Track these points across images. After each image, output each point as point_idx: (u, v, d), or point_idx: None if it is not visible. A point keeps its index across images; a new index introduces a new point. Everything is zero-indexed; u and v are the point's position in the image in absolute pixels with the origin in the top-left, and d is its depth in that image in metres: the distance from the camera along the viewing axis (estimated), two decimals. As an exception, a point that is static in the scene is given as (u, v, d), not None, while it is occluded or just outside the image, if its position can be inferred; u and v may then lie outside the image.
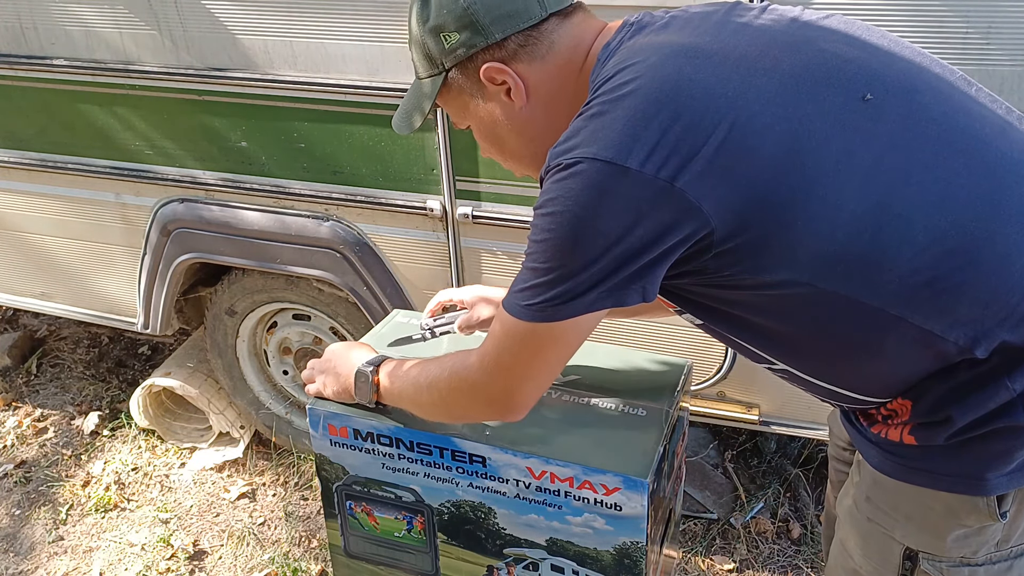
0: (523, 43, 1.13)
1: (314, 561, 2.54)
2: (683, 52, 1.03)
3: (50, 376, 3.43)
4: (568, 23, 1.15)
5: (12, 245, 2.80)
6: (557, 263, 1.02)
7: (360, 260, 2.33)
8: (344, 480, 1.58)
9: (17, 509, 2.80)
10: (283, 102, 2.19)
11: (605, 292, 1.02)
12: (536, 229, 1.04)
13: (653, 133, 0.96)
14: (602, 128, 0.99)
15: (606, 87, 1.03)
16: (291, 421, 2.88)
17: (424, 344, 1.69)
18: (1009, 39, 1.63)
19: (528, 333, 1.07)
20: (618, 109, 0.99)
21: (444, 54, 1.16)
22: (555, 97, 1.16)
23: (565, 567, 1.48)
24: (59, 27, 2.31)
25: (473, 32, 1.12)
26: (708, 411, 2.27)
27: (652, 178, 0.95)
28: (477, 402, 1.20)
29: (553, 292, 1.03)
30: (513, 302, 1.08)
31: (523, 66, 1.14)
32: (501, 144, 1.24)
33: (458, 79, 1.18)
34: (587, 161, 0.98)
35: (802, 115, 0.98)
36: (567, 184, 0.99)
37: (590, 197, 0.98)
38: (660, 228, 0.98)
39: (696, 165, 0.95)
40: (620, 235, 0.98)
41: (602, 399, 1.52)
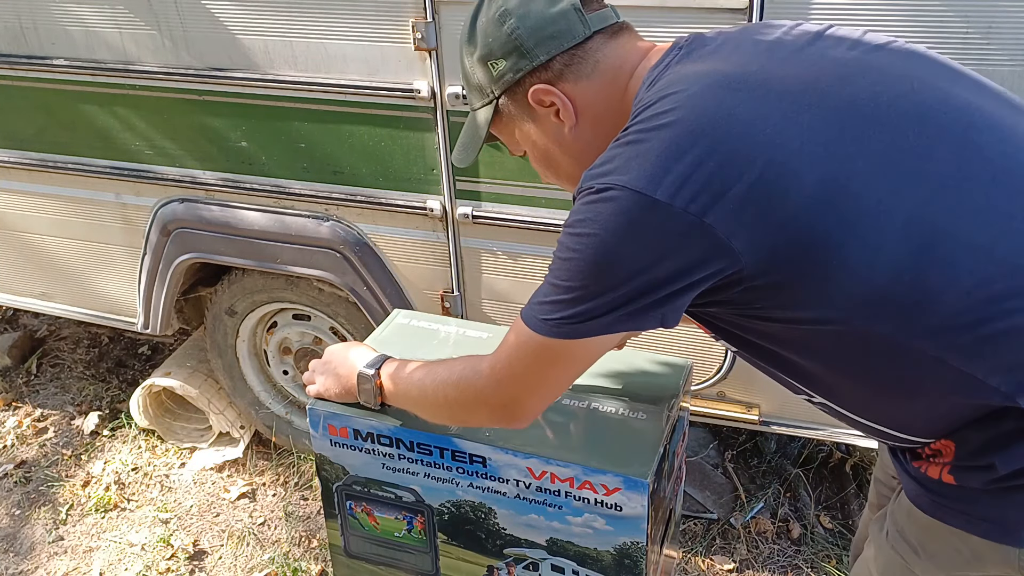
0: (568, 63, 1.13)
1: (314, 561, 2.54)
2: (726, 83, 1.01)
3: (50, 376, 3.43)
4: (613, 42, 1.15)
5: (12, 245, 2.80)
6: (580, 284, 1.01)
7: (360, 260, 2.33)
8: (344, 480, 1.58)
9: (17, 509, 2.80)
10: (283, 102, 2.19)
11: (625, 316, 1.02)
12: (562, 247, 1.03)
13: (686, 166, 0.95)
14: (636, 157, 0.98)
15: (645, 115, 1.02)
16: (291, 421, 2.88)
17: (427, 345, 1.69)
18: (1009, 39, 1.63)
19: (543, 347, 1.07)
20: (654, 139, 0.98)
21: (493, 82, 1.17)
22: (602, 116, 1.15)
23: (565, 567, 1.48)
24: (59, 27, 2.31)
25: (519, 56, 1.13)
26: (708, 411, 2.27)
27: (681, 212, 0.94)
28: (483, 408, 1.20)
29: (573, 311, 1.02)
30: (532, 314, 1.07)
31: (569, 86, 1.14)
32: (556, 167, 1.24)
33: (508, 105, 1.19)
34: (619, 188, 0.97)
35: (844, 154, 0.96)
36: (598, 208, 0.99)
37: (619, 225, 0.97)
38: (687, 262, 0.97)
39: (727, 202, 0.94)
40: (645, 265, 0.98)
41: (602, 399, 1.52)
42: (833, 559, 2.46)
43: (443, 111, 2.05)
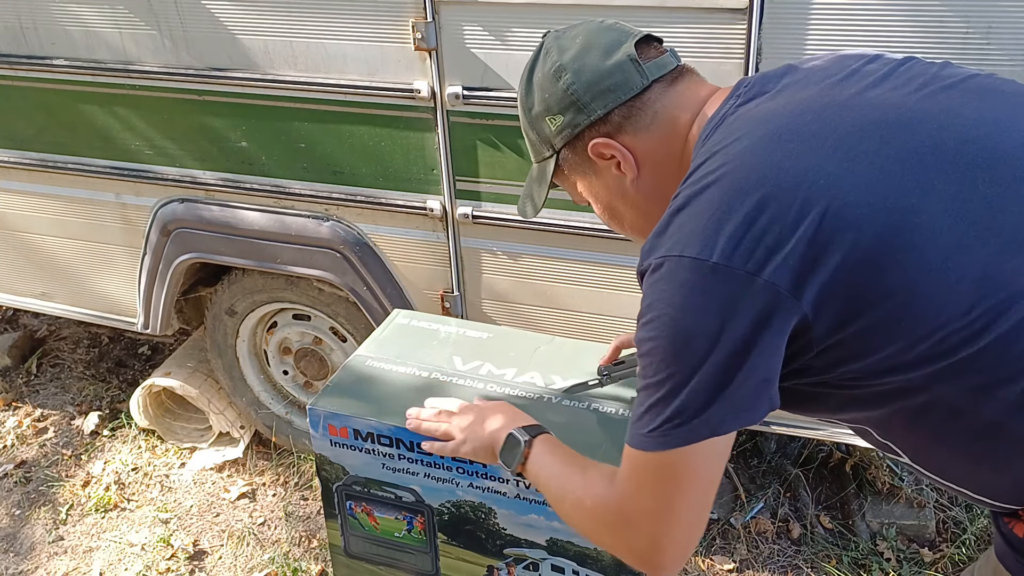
0: (627, 115, 1.10)
1: (314, 561, 2.54)
2: (778, 135, 0.97)
3: (50, 376, 3.43)
4: (673, 90, 1.11)
5: (12, 245, 2.80)
6: (666, 373, 0.95)
7: (360, 260, 2.33)
8: (344, 480, 1.58)
9: (17, 509, 2.80)
10: (283, 102, 2.19)
11: (725, 402, 0.93)
12: (640, 345, 0.98)
13: (739, 225, 0.91)
14: (686, 222, 0.95)
15: (694, 176, 0.99)
16: (291, 421, 2.88)
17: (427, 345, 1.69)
18: (1009, 39, 1.63)
19: (659, 465, 0.98)
20: (701, 200, 0.95)
21: (552, 136, 1.16)
22: (662, 168, 1.12)
23: (565, 567, 1.48)
24: (59, 27, 2.31)
25: (576, 111, 1.11)
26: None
27: (740, 272, 0.90)
28: (619, 547, 1.08)
29: (671, 409, 0.95)
30: (634, 434, 1.00)
31: (629, 138, 1.11)
32: (620, 218, 1.22)
33: (569, 159, 1.17)
34: (673, 259, 0.94)
35: (905, 206, 0.90)
36: (659, 287, 0.95)
37: (681, 297, 0.93)
38: (756, 322, 0.91)
39: (786, 257, 0.90)
40: (718, 333, 0.92)
41: (602, 399, 1.52)
42: (833, 559, 2.46)
43: (443, 111, 2.05)
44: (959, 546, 2.46)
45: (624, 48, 1.11)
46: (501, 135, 2.04)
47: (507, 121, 2.02)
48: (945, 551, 2.46)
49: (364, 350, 1.68)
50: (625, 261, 2.11)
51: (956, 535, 2.51)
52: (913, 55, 1.08)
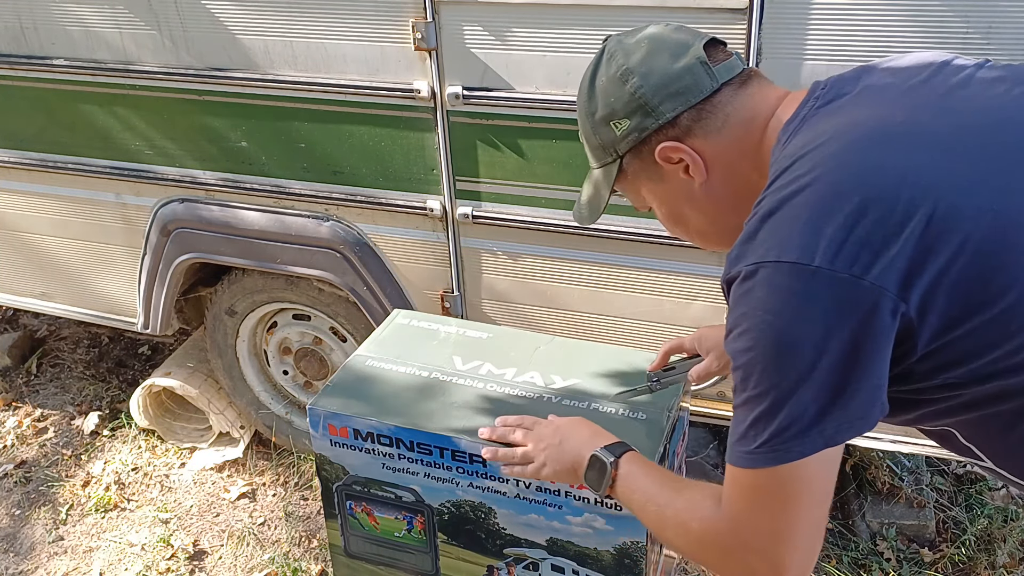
0: (696, 118, 1.07)
1: (314, 561, 2.54)
2: (870, 136, 0.94)
3: (50, 376, 3.43)
4: (743, 93, 1.09)
5: (12, 245, 2.80)
6: (768, 385, 0.91)
7: (360, 260, 2.33)
8: (344, 480, 1.58)
9: (17, 509, 2.80)
10: (283, 102, 2.19)
11: (836, 412, 0.90)
12: (735, 357, 0.95)
13: (840, 228, 0.88)
14: (780, 227, 0.92)
15: (781, 180, 0.96)
16: (291, 421, 2.88)
17: (427, 345, 1.69)
18: (1009, 39, 1.63)
19: (772, 482, 0.94)
20: (796, 205, 0.92)
21: (616, 142, 1.12)
22: (734, 172, 1.09)
23: (565, 567, 1.48)
24: (59, 27, 2.31)
25: (643, 115, 1.09)
26: (708, 411, 2.27)
27: (845, 275, 0.87)
28: (737, 571, 1.04)
29: (778, 422, 0.91)
30: (737, 453, 0.96)
31: (699, 141, 1.08)
32: (686, 223, 1.18)
33: (633, 164, 1.14)
34: (770, 265, 0.90)
35: (1011, 207, 0.89)
36: (754, 295, 0.92)
37: (781, 303, 0.90)
38: (864, 326, 0.88)
39: (892, 260, 0.87)
40: (824, 339, 0.88)
41: (602, 399, 1.52)
42: (833, 559, 2.46)
43: (443, 111, 2.05)
44: (959, 546, 2.46)
45: (693, 51, 1.08)
46: (501, 135, 2.04)
47: (507, 121, 2.02)
48: (945, 551, 2.46)
49: (364, 350, 1.68)
50: (625, 261, 2.11)
51: (956, 535, 2.51)
52: (987, 58, 1.06)
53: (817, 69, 1.72)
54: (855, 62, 1.73)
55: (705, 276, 2.06)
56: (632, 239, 2.06)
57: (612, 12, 1.83)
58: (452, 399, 1.52)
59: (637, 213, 2.01)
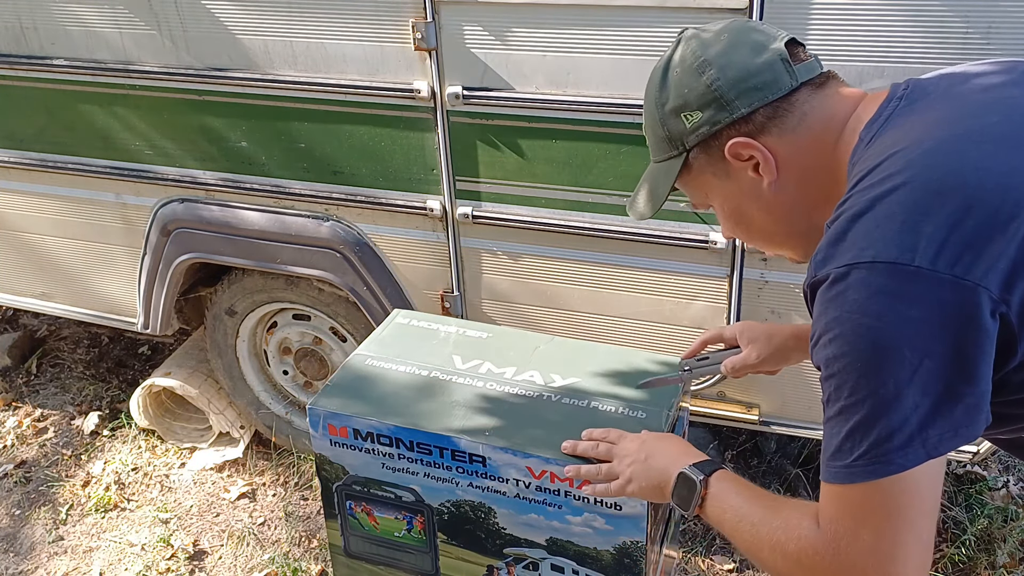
0: (772, 115, 1.04)
1: (314, 561, 2.54)
2: (966, 136, 0.92)
3: (50, 376, 3.43)
4: (821, 93, 1.06)
5: (12, 245, 2.80)
6: (866, 392, 0.87)
7: (360, 260, 2.33)
8: (344, 480, 1.58)
9: (17, 509, 2.80)
10: (283, 102, 2.19)
11: (939, 421, 0.86)
12: (827, 365, 0.90)
13: (940, 227, 0.85)
14: (875, 227, 0.88)
15: (870, 179, 0.92)
16: (291, 421, 2.88)
17: (427, 345, 1.69)
18: (1009, 39, 1.63)
19: (874, 497, 0.89)
20: (890, 203, 0.88)
21: (686, 134, 1.09)
22: (808, 173, 1.06)
23: (565, 567, 1.48)
24: (59, 27, 2.31)
25: (717, 108, 1.06)
26: (708, 411, 2.27)
27: (947, 276, 0.84)
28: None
29: (878, 432, 0.87)
30: (834, 469, 0.91)
31: (772, 139, 1.05)
32: (748, 223, 1.15)
33: (700, 158, 1.11)
34: (865, 266, 0.87)
35: None
36: (847, 298, 0.88)
37: (879, 306, 0.86)
38: (968, 329, 0.85)
39: (995, 261, 0.84)
40: (926, 343, 0.85)
41: (602, 399, 1.52)
42: (833, 559, 2.45)
43: (443, 111, 2.05)
44: (959, 546, 2.46)
45: (774, 47, 1.06)
46: (501, 135, 2.04)
47: (507, 121, 2.02)
48: (945, 551, 2.46)
49: (364, 350, 1.68)
50: (625, 261, 2.11)
51: (956, 535, 2.51)
52: None
53: (817, 69, 1.72)
54: (855, 62, 1.74)
55: (705, 276, 2.06)
56: (632, 239, 2.06)
57: (612, 12, 1.83)
58: (452, 399, 1.52)
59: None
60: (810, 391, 2.14)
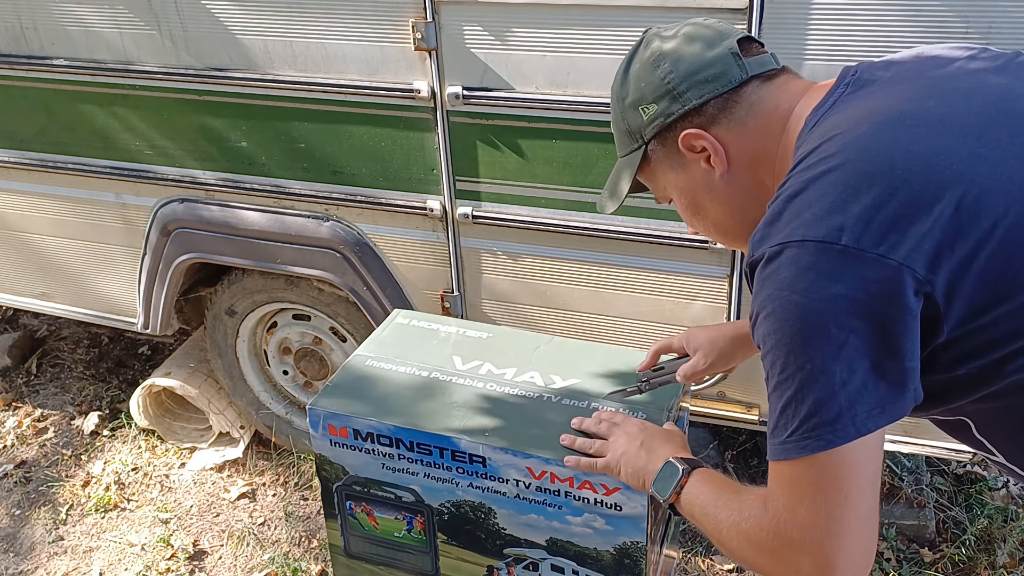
0: (722, 107, 1.07)
1: (314, 561, 2.54)
2: (900, 119, 0.94)
3: (50, 376, 3.43)
4: (770, 84, 1.09)
5: (12, 245, 2.80)
6: (795, 368, 0.90)
7: (360, 260, 2.33)
8: (344, 480, 1.58)
9: (17, 509, 2.80)
10: (283, 102, 2.19)
11: (869, 398, 0.88)
12: (763, 342, 0.93)
13: (867, 208, 0.88)
14: (807, 207, 0.91)
15: (807, 162, 0.95)
16: (291, 421, 2.88)
17: (427, 345, 1.69)
18: (1009, 39, 1.63)
19: (808, 472, 0.92)
20: (823, 184, 0.91)
21: (643, 127, 1.13)
22: (757, 162, 1.09)
23: (565, 567, 1.48)
24: (59, 27, 2.31)
25: (671, 100, 1.09)
26: (708, 411, 2.27)
27: (872, 254, 0.87)
28: (784, 573, 1.00)
29: (807, 406, 0.89)
30: (772, 446, 0.94)
31: (722, 130, 1.08)
32: (704, 215, 1.17)
33: (657, 151, 1.14)
34: (796, 244, 0.89)
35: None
36: (779, 276, 0.90)
37: (807, 282, 0.88)
38: (890, 306, 0.87)
39: (919, 241, 0.86)
40: (851, 320, 0.87)
41: (603, 400, 1.51)
42: (833, 559, 2.45)
43: (443, 111, 2.05)
44: (959, 546, 2.46)
45: (726, 43, 1.09)
46: (501, 135, 2.04)
47: (507, 121, 2.02)
48: (945, 551, 2.46)
49: (364, 350, 1.68)
50: (625, 261, 2.11)
51: (956, 535, 2.51)
52: (1020, 51, 1.05)
53: (817, 69, 1.72)
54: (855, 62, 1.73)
55: (705, 276, 2.06)
56: (632, 239, 2.06)
57: (612, 12, 1.83)
58: (452, 399, 1.52)
59: (637, 213, 2.03)
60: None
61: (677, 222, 2.01)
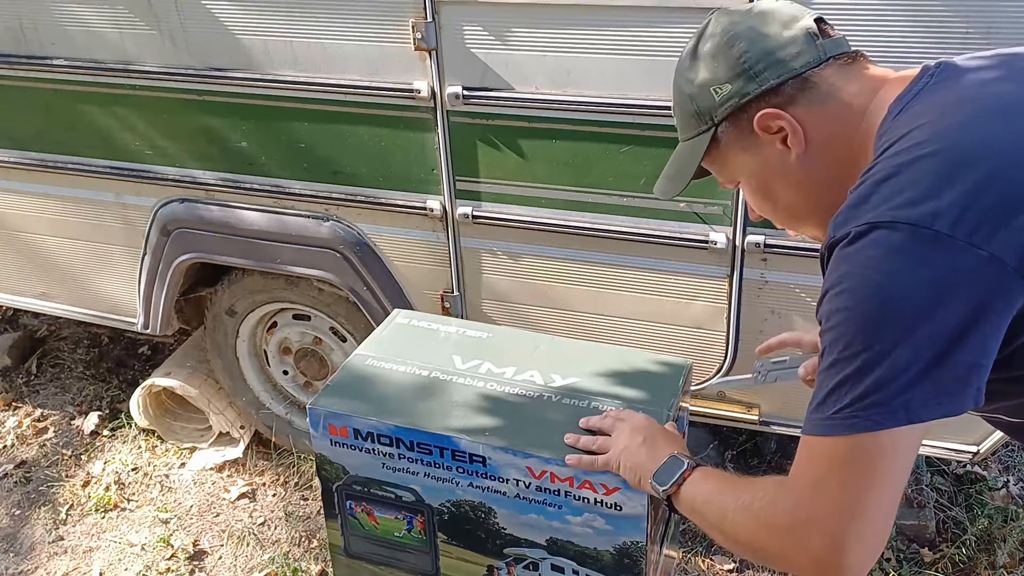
0: (800, 87, 1.05)
1: (314, 561, 2.54)
2: (996, 111, 0.93)
3: (50, 376, 3.43)
4: (850, 68, 1.07)
5: (12, 245, 2.80)
6: (862, 346, 0.88)
7: (360, 260, 2.33)
8: (344, 480, 1.58)
9: (17, 509, 2.80)
10: (283, 102, 2.19)
11: (928, 388, 0.86)
12: (829, 317, 0.91)
13: (962, 195, 0.85)
14: (899, 191, 0.89)
15: (897, 147, 0.93)
16: (291, 421, 2.88)
17: (427, 345, 1.69)
18: (1009, 39, 1.62)
19: (847, 451, 0.90)
20: (916, 170, 0.89)
21: (714, 108, 1.09)
22: (834, 146, 1.06)
23: (565, 567, 1.48)
24: (59, 27, 2.31)
25: (746, 80, 1.06)
26: (708, 411, 2.27)
27: (964, 244, 0.84)
28: (792, 552, 0.98)
29: (864, 386, 0.88)
30: (813, 420, 0.93)
31: (800, 111, 1.05)
32: (775, 199, 1.14)
33: (728, 132, 1.11)
34: (886, 226, 0.87)
35: None
36: (862, 255, 0.88)
37: (894, 264, 0.86)
38: (978, 299, 0.85)
39: (1016, 232, 0.84)
40: (932, 306, 0.85)
41: (602, 399, 1.51)
42: (833, 559, 2.45)
43: (443, 111, 2.05)
44: (959, 546, 2.46)
45: (803, 23, 1.07)
46: (501, 135, 2.04)
47: (507, 121, 2.02)
48: (945, 551, 2.46)
49: (364, 350, 1.68)
50: (625, 261, 2.11)
51: (956, 535, 2.51)
52: None
53: (817, 69, 1.72)
54: (855, 62, 1.74)
55: (705, 276, 2.06)
56: (632, 239, 2.06)
57: (612, 12, 1.83)
58: (452, 399, 1.52)
59: (637, 213, 2.03)
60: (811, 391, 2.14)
61: (677, 222, 2.02)
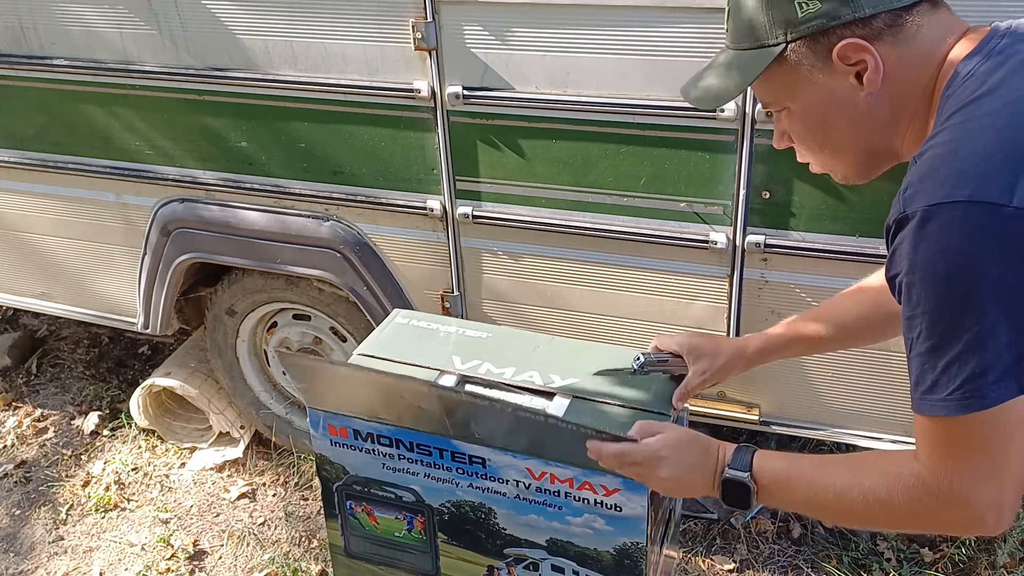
0: (891, 23, 0.99)
1: (314, 561, 2.54)
2: None
3: (50, 376, 3.43)
4: (937, 13, 1.01)
5: (12, 245, 2.80)
6: (964, 327, 0.88)
7: (360, 260, 2.33)
8: (344, 480, 1.58)
9: (17, 509, 2.80)
10: (283, 102, 2.19)
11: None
12: (915, 302, 0.91)
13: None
14: (972, 164, 0.88)
15: (965, 114, 0.91)
16: (291, 421, 2.88)
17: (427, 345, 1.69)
18: (1009, 39, 1.62)
19: (983, 426, 0.92)
20: (988, 141, 0.88)
21: (795, 23, 1.01)
22: (906, 91, 1.02)
23: (565, 567, 1.48)
24: (59, 27, 2.31)
25: (841, 3, 0.98)
26: (708, 411, 2.27)
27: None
28: (956, 522, 1.01)
29: (971, 367, 0.89)
30: (930, 402, 0.94)
31: (886, 48, 0.99)
32: (826, 133, 1.08)
33: (801, 52, 1.02)
34: (961, 206, 0.86)
35: None
36: (940, 236, 0.87)
37: (977, 246, 0.86)
38: None
39: None
40: (1022, 283, 0.86)
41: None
42: (833, 559, 2.46)
43: (443, 111, 2.05)
44: (959, 546, 2.46)
45: None
46: (501, 135, 2.04)
47: (507, 121, 2.02)
48: (945, 551, 2.46)
49: (364, 350, 1.68)
50: (625, 261, 2.11)
51: (956, 535, 2.51)
52: None
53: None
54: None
55: (705, 276, 2.06)
56: (632, 239, 2.06)
57: (612, 12, 1.83)
58: (452, 399, 1.52)
59: (637, 213, 2.03)
60: (810, 390, 2.14)
61: (677, 222, 2.02)
